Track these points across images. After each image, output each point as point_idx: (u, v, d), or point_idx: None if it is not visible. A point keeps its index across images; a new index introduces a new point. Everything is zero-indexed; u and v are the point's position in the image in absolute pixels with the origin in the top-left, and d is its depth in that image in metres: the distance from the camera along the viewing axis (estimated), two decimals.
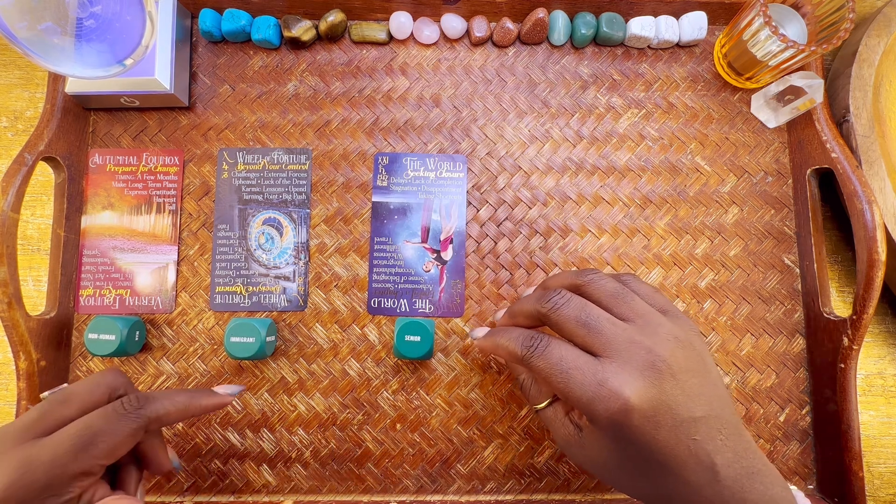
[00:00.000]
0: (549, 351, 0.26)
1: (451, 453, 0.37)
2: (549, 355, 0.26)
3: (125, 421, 0.26)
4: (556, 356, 0.26)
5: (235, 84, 0.40)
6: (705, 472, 0.24)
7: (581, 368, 0.25)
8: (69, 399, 0.26)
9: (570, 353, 0.26)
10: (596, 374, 0.24)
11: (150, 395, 0.28)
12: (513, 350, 0.27)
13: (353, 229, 0.39)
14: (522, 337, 0.27)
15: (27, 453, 0.24)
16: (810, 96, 0.37)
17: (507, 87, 0.41)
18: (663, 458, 0.24)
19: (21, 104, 0.41)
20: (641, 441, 0.24)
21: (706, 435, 0.24)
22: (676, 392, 0.24)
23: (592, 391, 0.24)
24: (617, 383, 0.24)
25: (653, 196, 0.40)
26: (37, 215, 0.40)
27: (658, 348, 0.25)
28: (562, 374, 0.25)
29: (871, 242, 0.33)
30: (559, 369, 0.25)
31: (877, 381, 0.40)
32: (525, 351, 0.27)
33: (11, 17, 0.29)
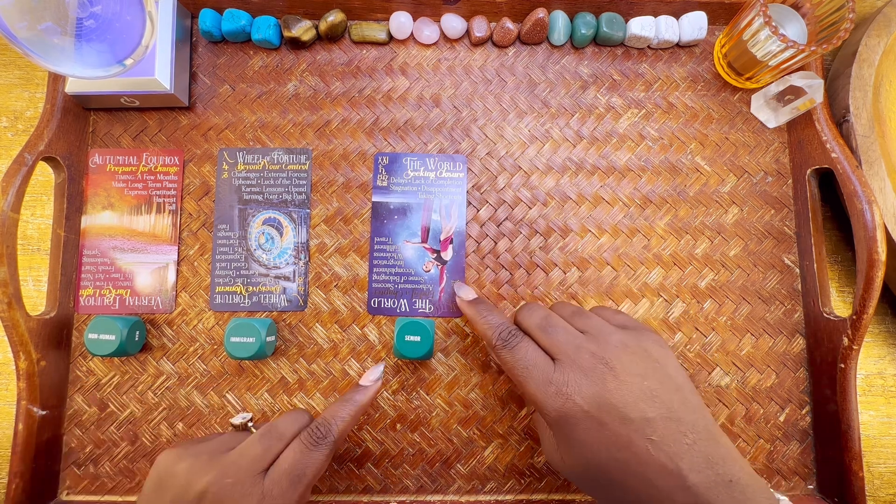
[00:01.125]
0: (518, 347, 0.28)
1: (451, 453, 0.37)
2: (516, 350, 0.28)
3: (321, 450, 0.28)
4: (521, 352, 0.28)
5: (235, 84, 0.40)
6: (671, 477, 0.24)
7: (538, 367, 0.27)
8: (283, 438, 0.28)
9: (534, 353, 0.28)
10: (548, 373, 0.27)
11: (327, 418, 0.29)
12: (489, 336, 0.30)
13: (353, 229, 0.39)
14: (502, 328, 0.29)
15: (260, 489, 0.26)
16: (810, 96, 0.37)
17: (507, 87, 0.41)
18: (623, 457, 0.25)
19: (21, 104, 0.41)
20: (592, 439, 0.25)
21: (666, 437, 0.25)
22: (622, 392, 0.26)
23: (543, 389, 0.27)
24: (562, 381, 0.26)
25: (653, 196, 0.40)
26: (37, 215, 0.40)
27: (603, 353, 0.27)
28: (522, 370, 0.28)
29: (871, 242, 0.33)
30: (521, 365, 0.28)
31: (877, 381, 0.40)
32: (499, 342, 0.29)
33: (11, 17, 0.29)
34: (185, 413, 0.37)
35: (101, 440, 0.36)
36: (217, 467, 0.26)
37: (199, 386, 0.37)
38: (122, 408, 0.37)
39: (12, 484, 0.33)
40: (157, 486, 0.26)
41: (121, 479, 0.36)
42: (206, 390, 0.37)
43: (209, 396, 0.37)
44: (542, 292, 0.38)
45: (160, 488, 0.26)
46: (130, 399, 0.37)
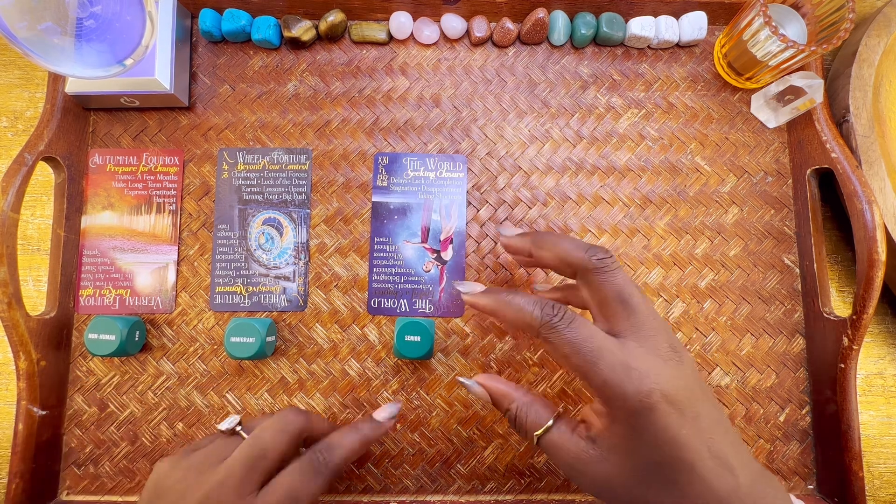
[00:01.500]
0: (577, 325, 0.24)
1: (451, 453, 0.37)
2: (576, 329, 0.24)
3: (320, 478, 0.27)
4: (585, 332, 0.24)
5: (235, 84, 0.40)
6: (728, 476, 0.23)
7: (611, 350, 0.23)
8: (266, 455, 0.27)
9: (598, 332, 0.24)
10: (626, 357, 0.23)
11: (332, 444, 0.28)
12: (528, 315, 0.25)
13: (353, 229, 0.39)
14: (542, 303, 0.25)
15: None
16: (810, 96, 0.37)
17: (507, 87, 0.41)
18: (690, 458, 0.23)
19: (21, 104, 0.41)
20: (667, 436, 0.23)
21: (720, 436, 0.23)
22: (693, 387, 0.24)
23: (622, 374, 0.23)
24: (646, 368, 0.23)
25: (653, 196, 0.40)
26: (37, 215, 0.40)
27: (672, 341, 0.24)
28: (591, 353, 0.23)
29: (871, 242, 0.33)
30: (588, 347, 0.23)
31: (877, 381, 0.40)
32: (547, 318, 0.24)
33: (11, 17, 0.29)
34: (185, 413, 0.37)
35: (101, 440, 0.36)
36: (206, 485, 0.25)
37: (199, 386, 0.37)
38: (122, 408, 0.37)
39: (12, 484, 0.33)
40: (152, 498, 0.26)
41: (121, 479, 0.36)
42: (206, 390, 0.37)
43: (209, 396, 0.37)
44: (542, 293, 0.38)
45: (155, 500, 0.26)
46: (130, 399, 0.37)
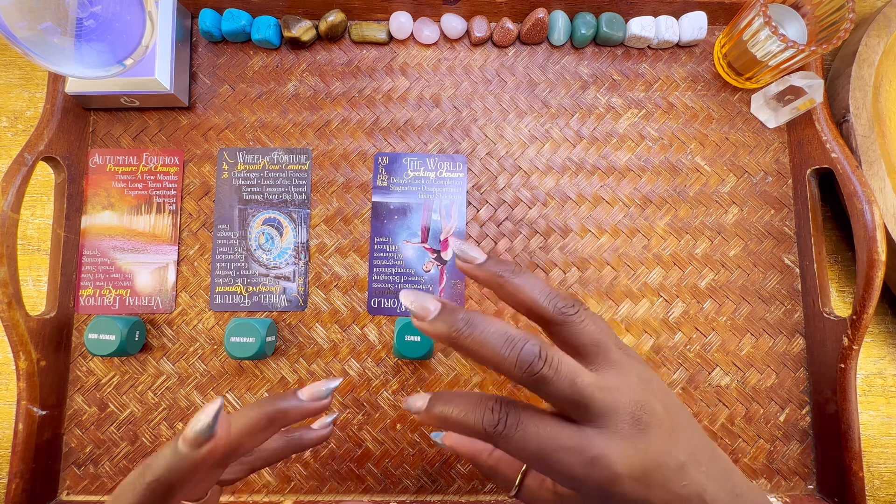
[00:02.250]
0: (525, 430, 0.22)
1: (450, 453, 0.37)
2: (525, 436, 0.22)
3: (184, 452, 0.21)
4: (533, 437, 0.22)
5: (235, 84, 0.40)
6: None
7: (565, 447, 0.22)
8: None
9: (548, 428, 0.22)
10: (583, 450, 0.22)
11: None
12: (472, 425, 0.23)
13: (353, 229, 0.39)
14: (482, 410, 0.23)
15: None
16: (810, 96, 0.37)
17: (507, 87, 0.41)
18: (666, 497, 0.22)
19: (21, 104, 0.41)
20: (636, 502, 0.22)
21: (693, 476, 0.23)
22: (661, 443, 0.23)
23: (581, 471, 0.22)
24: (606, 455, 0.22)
25: (653, 196, 0.40)
26: (37, 215, 0.40)
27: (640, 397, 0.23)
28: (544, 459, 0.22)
29: (871, 242, 0.33)
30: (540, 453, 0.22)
31: (877, 381, 0.40)
32: (491, 429, 0.22)
33: (11, 17, 0.29)
34: (185, 413, 0.37)
35: (101, 440, 0.36)
36: None
37: (199, 386, 0.37)
38: (122, 408, 0.37)
39: (12, 484, 0.33)
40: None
41: (121, 478, 0.36)
42: (206, 390, 0.37)
43: (209, 396, 0.37)
44: None
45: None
46: (130, 399, 0.37)
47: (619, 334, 0.38)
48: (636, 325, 0.38)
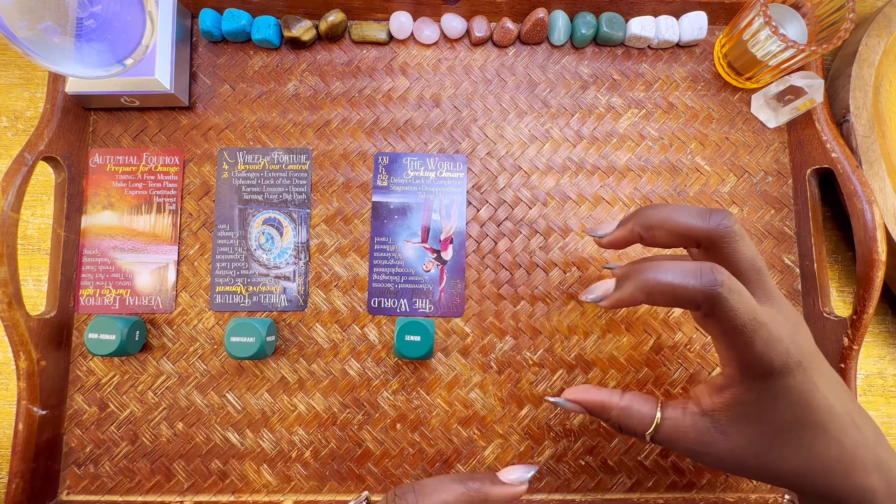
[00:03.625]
0: (742, 297, 0.22)
1: (451, 453, 0.37)
2: (742, 302, 0.22)
3: None
4: (749, 305, 0.22)
5: (235, 84, 0.40)
6: (854, 431, 0.23)
7: (764, 323, 0.22)
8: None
9: (755, 303, 0.23)
10: (774, 329, 0.23)
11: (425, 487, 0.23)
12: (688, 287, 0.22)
13: (353, 229, 0.39)
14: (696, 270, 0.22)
15: None
16: (810, 96, 0.37)
17: (507, 87, 0.41)
18: (821, 419, 0.23)
19: (21, 104, 0.41)
20: (800, 399, 0.23)
21: (842, 394, 0.24)
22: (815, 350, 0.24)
23: (772, 347, 0.22)
24: (785, 336, 0.23)
25: (653, 196, 0.40)
26: (37, 215, 0.40)
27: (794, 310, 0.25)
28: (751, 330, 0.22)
29: (871, 242, 0.33)
30: (751, 323, 0.22)
31: (877, 381, 0.40)
32: (711, 288, 0.22)
33: (11, 17, 0.29)
34: (185, 413, 0.37)
35: (101, 440, 0.36)
36: None
37: (199, 386, 0.37)
38: (122, 408, 0.37)
39: (12, 484, 0.33)
40: None
41: (121, 478, 0.36)
42: (206, 390, 0.37)
43: (209, 396, 0.37)
44: (543, 292, 0.38)
45: None
46: (130, 399, 0.37)
47: (619, 334, 0.38)
48: (636, 324, 0.38)
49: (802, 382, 0.23)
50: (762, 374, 0.23)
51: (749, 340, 0.22)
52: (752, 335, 0.22)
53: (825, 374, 0.24)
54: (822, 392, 0.23)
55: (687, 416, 0.25)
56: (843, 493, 0.23)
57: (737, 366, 0.24)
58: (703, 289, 0.22)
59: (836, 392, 0.24)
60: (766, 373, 0.23)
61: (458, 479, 0.24)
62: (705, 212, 0.24)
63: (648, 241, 0.26)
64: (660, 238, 0.25)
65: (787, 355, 0.23)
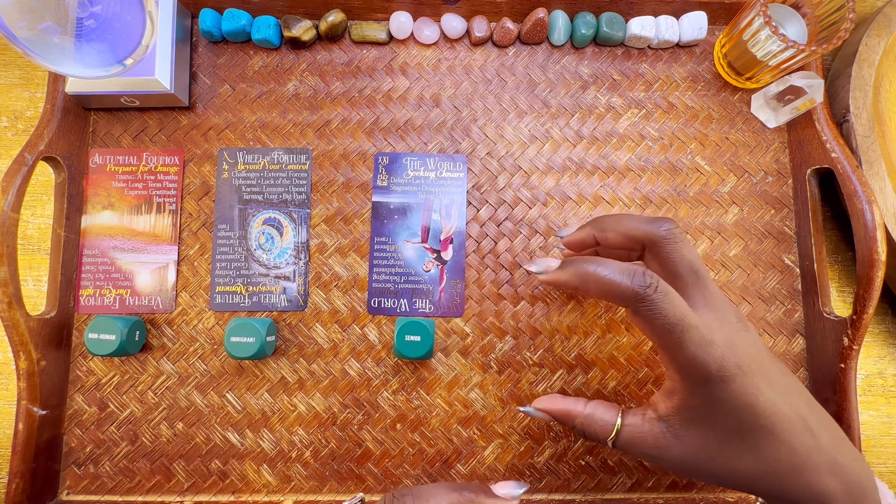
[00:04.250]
0: (671, 299, 0.23)
1: (451, 453, 0.37)
2: (671, 304, 0.23)
3: None
4: (678, 307, 0.23)
5: (235, 84, 0.40)
6: (807, 436, 0.23)
7: (695, 326, 0.23)
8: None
9: (685, 305, 0.24)
10: (706, 332, 0.23)
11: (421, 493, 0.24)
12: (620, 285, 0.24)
13: (353, 229, 0.39)
14: (630, 271, 0.24)
15: None
16: (810, 96, 0.37)
17: (507, 87, 0.41)
18: (769, 423, 0.23)
19: (21, 104, 0.41)
20: (744, 402, 0.23)
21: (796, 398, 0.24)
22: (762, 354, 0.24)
23: (705, 350, 0.23)
24: (722, 340, 0.23)
25: (653, 196, 0.40)
26: (37, 215, 0.40)
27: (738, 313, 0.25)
28: (680, 331, 0.23)
29: (871, 242, 0.33)
30: (680, 325, 0.23)
31: (877, 381, 0.40)
32: (641, 289, 0.23)
33: (11, 17, 0.29)
34: (185, 413, 0.37)
35: (101, 440, 0.36)
36: None
37: (199, 386, 0.37)
38: (122, 408, 0.37)
39: (12, 484, 0.33)
40: None
41: (121, 479, 0.36)
42: (206, 390, 0.37)
43: (209, 396, 0.37)
44: (543, 292, 0.38)
45: None
46: (130, 399, 0.37)
47: (619, 334, 0.38)
48: None
49: (744, 387, 0.23)
50: (701, 379, 0.23)
51: (678, 342, 0.23)
52: (681, 337, 0.23)
53: (773, 378, 0.24)
54: (767, 396, 0.23)
55: (645, 422, 0.26)
56: (798, 497, 0.23)
57: (675, 368, 0.24)
58: (632, 287, 0.23)
59: (787, 395, 0.24)
60: (703, 377, 0.23)
61: (454, 486, 0.25)
62: (651, 218, 0.26)
63: (602, 243, 0.28)
64: (612, 240, 0.27)
65: (723, 359, 0.23)
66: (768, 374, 0.24)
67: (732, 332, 0.24)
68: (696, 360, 0.23)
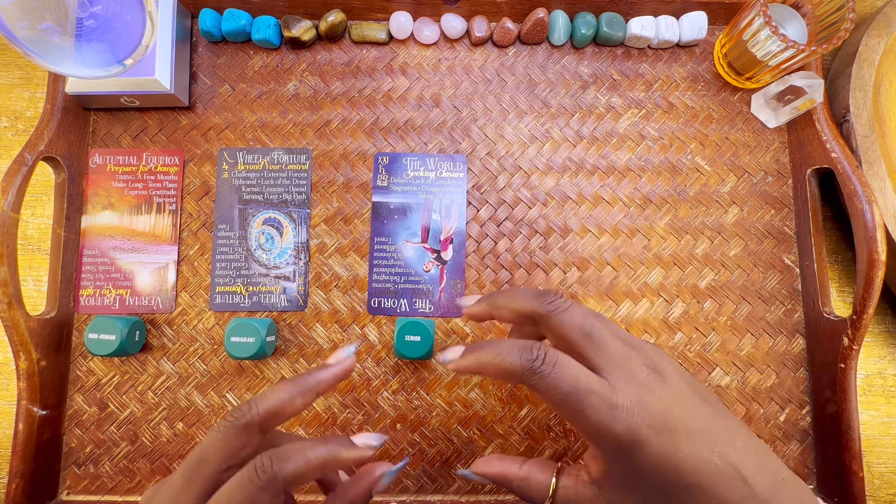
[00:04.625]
0: (561, 368, 0.23)
1: (451, 453, 0.37)
2: (561, 374, 0.23)
3: (263, 493, 0.22)
4: (569, 375, 0.23)
5: (235, 84, 0.40)
6: (739, 486, 0.22)
7: (596, 392, 0.22)
8: (206, 459, 0.23)
9: (581, 371, 0.23)
10: (609, 395, 0.22)
11: (285, 454, 0.23)
12: (509, 365, 0.23)
13: (353, 229, 0.39)
14: (519, 348, 0.24)
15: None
16: (810, 96, 0.37)
17: (507, 87, 0.41)
18: (695, 480, 0.22)
19: (21, 104, 0.41)
20: (665, 464, 0.22)
21: (726, 444, 0.23)
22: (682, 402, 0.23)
23: (608, 415, 0.22)
24: (628, 402, 0.22)
25: (653, 196, 0.40)
26: (37, 215, 0.40)
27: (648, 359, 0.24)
28: (576, 400, 0.22)
29: (871, 242, 0.33)
30: (575, 392, 0.22)
31: (877, 381, 0.40)
32: (528, 364, 0.23)
33: (11, 17, 0.29)
34: (185, 413, 0.37)
35: (101, 440, 0.36)
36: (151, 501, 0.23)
37: (199, 386, 0.37)
38: (122, 408, 0.37)
39: (12, 484, 0.33)
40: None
41: (121, 478, 0.36)
42: (206, 390, 0.37)
43: (209, 396, 0.37)
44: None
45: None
46: (130, 399, 0.37)
47: None
48: (636, 324, 0.38)
49: (661, 447, 0.22)
50: (614, 447, 0.23)
51: (579, 410, 0.22)
52: (581, 405, 0.22)
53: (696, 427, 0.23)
54: (689, 451, 0.22)
55: (579, 484, 0.25)
56: None
57: (586, 436, 0.24)
58: (521, 364, 0.23)
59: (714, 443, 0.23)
60: (615, 445, 0.22)
61: (315, 441, 0.25)
62: (537, 293, 0.26)
63: (498, 318, 0.28)
64: (505, 317, 0.26)
65: (630, 422, 0.22)
66: (690, 424, 0.23)
67: (642, 388, 0.23)
68: (602, 429, 0.22)
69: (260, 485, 0.22)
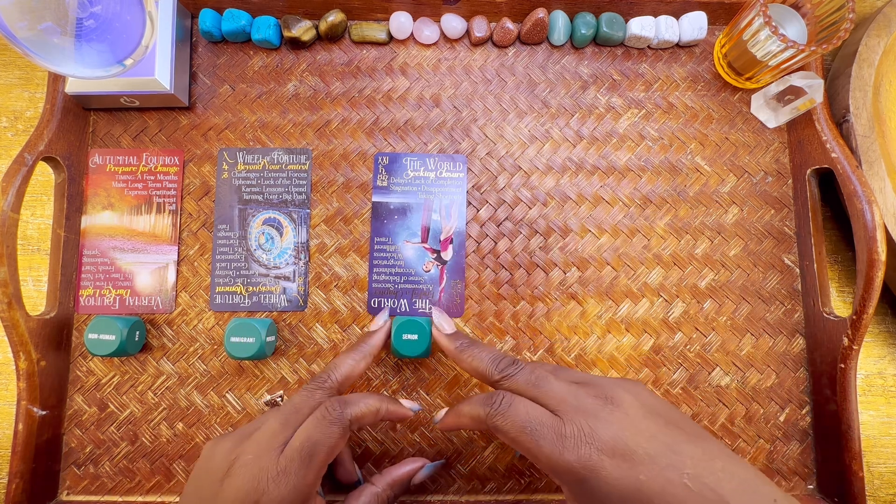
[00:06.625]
0: (514, 408, 0.26)
1: (451, 453, 0.37)
2: (514, 413, 0.26)
3: (335, 427, 0.27)
4: (522, 413, 0.25)
5: (235, 84, 0.40)
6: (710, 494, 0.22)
7: (546, 424, 0.25)
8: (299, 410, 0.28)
9: (534, 409, 0.26)
10: (557, 428, 0.24)
11: (348, 399, 0.28)
12: (476, 412, 0.27)
13: (353, 229, 0.39)
14: (483, 398, 0.27)
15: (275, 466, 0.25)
16: (810, 96, 0.37)
17: (507, 87, 0.41)
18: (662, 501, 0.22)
19: (21, 104, 0.41)
20: (627, 488, 0.22)
21: (701, 467, 0.22)
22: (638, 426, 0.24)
23: (559, 446, 0.24)
24: (575, 430, 0.24)
25: (653, 196, 0.40)
26: (37, 215, 0.40)
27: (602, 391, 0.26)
28: (530, 433, 0.25)
29: (871, 242, 0.33)
30: (528, 428, 0.25)
31: (877, 381, 0.40)
32: (489, 409, 0.26)
33: (11, 17, 0.29)
34: (185, 413, 0.37)
35: (101, 440, 0.36)
36: (242, 445, 0.27)
37: (199, 386, 0.37)
38: (122, 408, 0.37)
39: (12, 484, 0.33)
40: (197, 470, 0.28)
41: (121, 479, 0.36)
42: (206, 390, 0.37)
43: (209, 396, 0.37)
44: (543, 292, 0.38)
45: (199, 470, 0.28)
46: (130, 399, 0.37)
47: (619, 334, 0.38)
48: (636, 325, 0.38)
49: (618, 471, 0.23)
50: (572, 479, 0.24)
51: (534, 443, 0.24)
52: (534, 439, 0.24)
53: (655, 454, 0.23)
54: (651, 476, 0.22)
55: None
56: None
57: (546, 470, 0.25)
58: (484, 410, 0.27)
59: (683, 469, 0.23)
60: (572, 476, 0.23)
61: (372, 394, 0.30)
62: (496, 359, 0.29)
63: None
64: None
65: (580, 451, 0.23)
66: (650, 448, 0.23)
67: (589, 416, 0.24)
68: (555, 458, 0.24)
69: (331, 419, 0.27)
